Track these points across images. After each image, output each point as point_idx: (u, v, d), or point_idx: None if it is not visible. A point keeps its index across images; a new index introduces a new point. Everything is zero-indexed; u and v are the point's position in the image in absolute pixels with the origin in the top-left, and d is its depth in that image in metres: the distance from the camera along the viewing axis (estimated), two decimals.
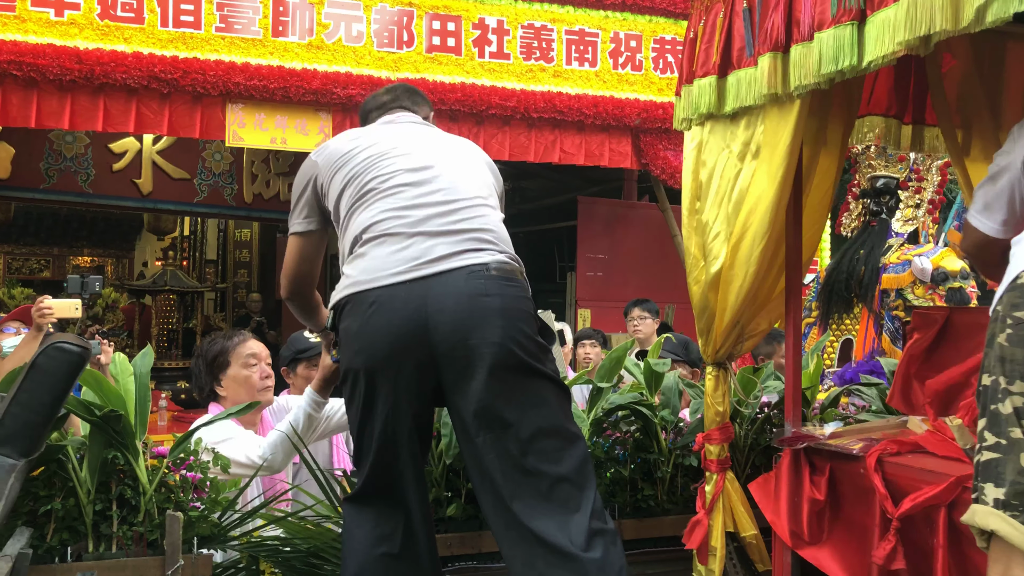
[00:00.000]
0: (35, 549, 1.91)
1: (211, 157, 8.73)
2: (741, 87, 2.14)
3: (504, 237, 2.03)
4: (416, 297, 1.86)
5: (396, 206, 1.98)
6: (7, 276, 12.42)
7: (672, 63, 5.91)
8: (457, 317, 1.84)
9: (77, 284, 3.52)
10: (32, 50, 4.66)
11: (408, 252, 1.91)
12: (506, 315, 1.86)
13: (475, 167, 2.15)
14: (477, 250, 1.92)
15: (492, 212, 2.07)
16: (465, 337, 1.84)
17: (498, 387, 1.85)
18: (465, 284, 1.86)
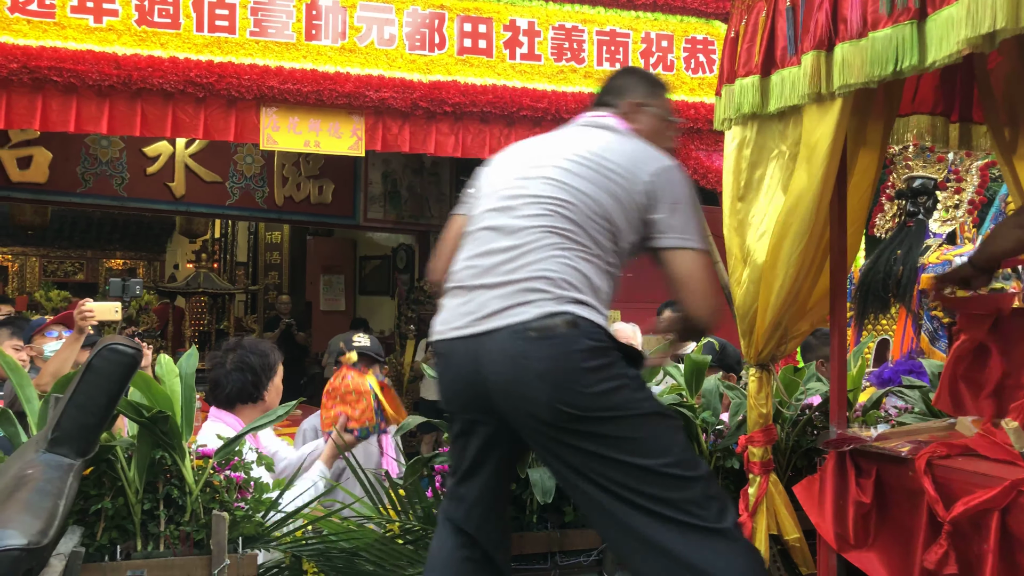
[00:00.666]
0: (86, 548, 1.93)
1: (243, 160, 8.82)
2: (785, 86, 2.12)
3: (564, 279, 1.85)
4: (472, 354, 1.87)
5: (471, 254, 1.98)
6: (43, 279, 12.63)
7: (704, 63, 5.87)
8: (507, 379, 1.82)
9: (118, 287, 3.57)
10: (72, 56, 4.73)
11: (467, 307, 1.90)
12: (547, 379, 1.78)
13: (587, 189, 1.93)
14: (524, 304, 1.83)
15: (564, 252, 1.88)
16: (517, 400, 1.82)
17: (558, 454, 1.84)
18: (510, 345, 1.81)
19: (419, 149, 5.46)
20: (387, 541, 2.35)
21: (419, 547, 2.36)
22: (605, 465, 1.79)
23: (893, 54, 1.79)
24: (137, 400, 2.01)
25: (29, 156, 7.68)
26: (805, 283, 2.31)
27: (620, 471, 1.78)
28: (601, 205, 1.91)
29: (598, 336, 1.82)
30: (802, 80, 2.08)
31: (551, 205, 1.91)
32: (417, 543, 2.38)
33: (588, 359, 1.79)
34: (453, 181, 10.36)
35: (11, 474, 1.46)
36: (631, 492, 1.78)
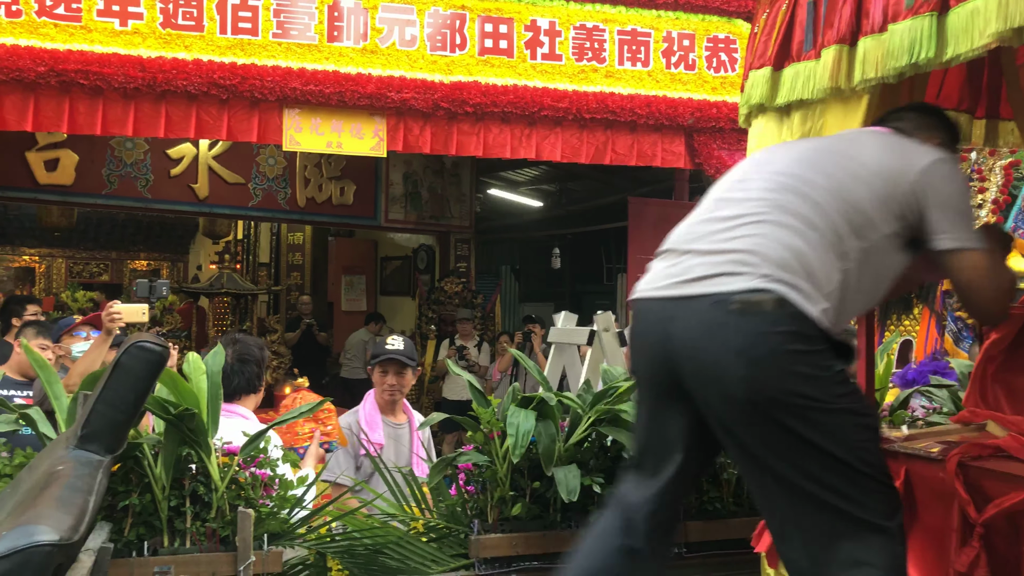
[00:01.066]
0: (114, 543, 1.95)
1: (265, 162, 8.88)
2: (798, 80, 2.10)
3: (782, 259, 1.72)
4: (666, 316, 1.78)
5: (693, 220, 1.91)
6: (69, 280, 12.77)
7: (725, 61, 5.84)
8: (698, 350, 1.72)
9: (145, 288, 3.61)
10: (98, 59, 4.79)
11: (673, 269, 1.82)
12: (743, 355, 1.67)
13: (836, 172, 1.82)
14: (732, 274, 1.71)
15: (786, 232, 1.75)
16: (705, 374, 1.72)
17: (738, 435, 1.74)
18: (709, 314, 1.71)
19: (440, 150, 5.47)
20: (411, 539, 2.35)
21: (443, 545, 2.36)
22: (786, 453, 1.70)
23: (909, 47, 1.77)
24: (164, 398, 2.03)
25: (56, 158, 7.78)
26: None
27: (800, 459, 1.69)
28: (849, 191, 1.78)
29: (805, 324, 1.69)
30: (820, 74, 2.06)
31: (788, 180, 1.81)
32: (441, 541, 2.38)
33: (791, 342, 1.68)
34: (473, 182, 10.39)
35: (41, 470, 1.48)
36: (806, 480, 1.70)
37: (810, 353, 1.69)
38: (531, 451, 2.31)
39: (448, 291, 9.68)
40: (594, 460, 2.43)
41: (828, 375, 1.70)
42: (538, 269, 14.13)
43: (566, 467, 2.29)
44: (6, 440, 2.04)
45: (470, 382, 2.49)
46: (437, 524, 2.41)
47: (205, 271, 12.45)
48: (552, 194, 12.49)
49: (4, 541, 1.11)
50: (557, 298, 13.36)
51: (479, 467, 2.36)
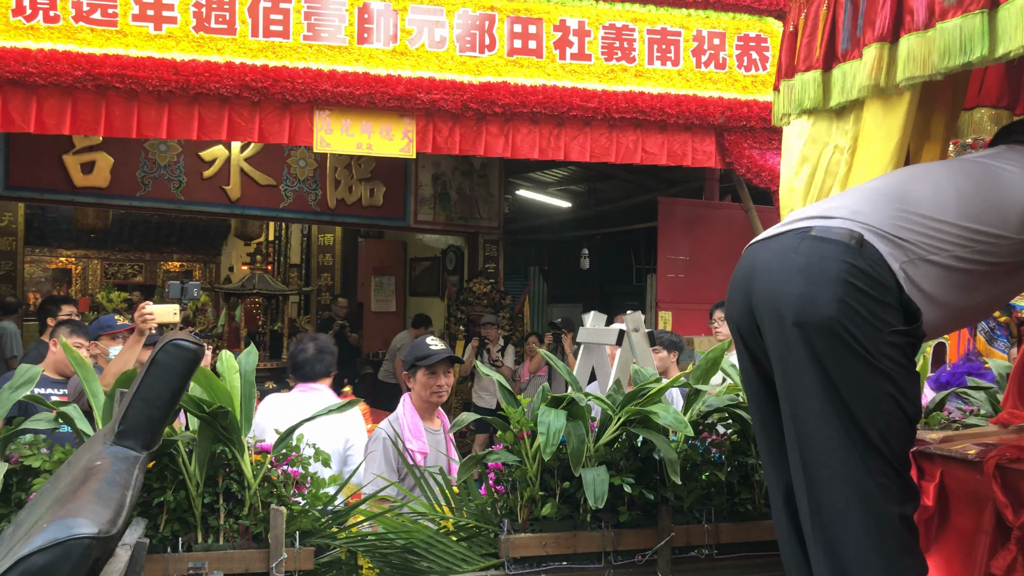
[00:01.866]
0: (149, 539, 1.98)
1: (296, 164, 8.96)
2: (847, 80, 2.08)
3: (876, 213, 1.70)
4: (752, 258, 1.79)
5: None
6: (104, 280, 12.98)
7: (756, 60, 5.80)
8: (768, 273, 1.72)
9: (177, 290, 3.66)
10: (133, 63, 4.87)
11: (774, 227, 1.83)
12: (805, 272, 1.63)
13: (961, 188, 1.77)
14: (824, 216, 1.72)
15: (883, 196, 1.76)
16: (770, 296, 1.70)
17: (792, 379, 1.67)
18: (787, 242, 1.71)
19: (469, 151, 5.49)
20: (441, 538, 2.36)
21: (472, 544, 2.37)
22: (811, 397, 1.64)
23: (961, 45, 1.75)
24: (198, 396, 2.05)
25: (92, 161, 7.90)
26: None
27: (821, 407, 1.63)
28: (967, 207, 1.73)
29: (880, 270, 1.63)
30: (862, 73, 2.04)
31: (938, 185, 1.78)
32: (471, 540, 2.38)
33: (855, 275, 1.61)
34: (502, 183, 10.40)
35: (80, 465, 1.50)
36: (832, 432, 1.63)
37: (871, 296, 1.62)
38: (561, 451, 2.30)
39: (477, 292, 9.70)
40: (624, 460, 2.42)
41: (883, 329, 1.62)
42: (567, 270, 14.11)
43: (595, 469, 2.28)
44: (46, 437, 2.08)
45: (499, 381, 2.49)
46: (467, 523, 2.41)
47: (237, 272, 12.60)
48: (581, 195, 12.48)
49: (45, 534, 1.13)
50: (586, 299, 13.34)
51: (509, 467, 2.36)
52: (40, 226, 12.08)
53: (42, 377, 3.73)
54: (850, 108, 2.18)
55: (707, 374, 2.56)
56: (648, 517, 2.42)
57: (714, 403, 2.53)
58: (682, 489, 2.44)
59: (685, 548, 2.42)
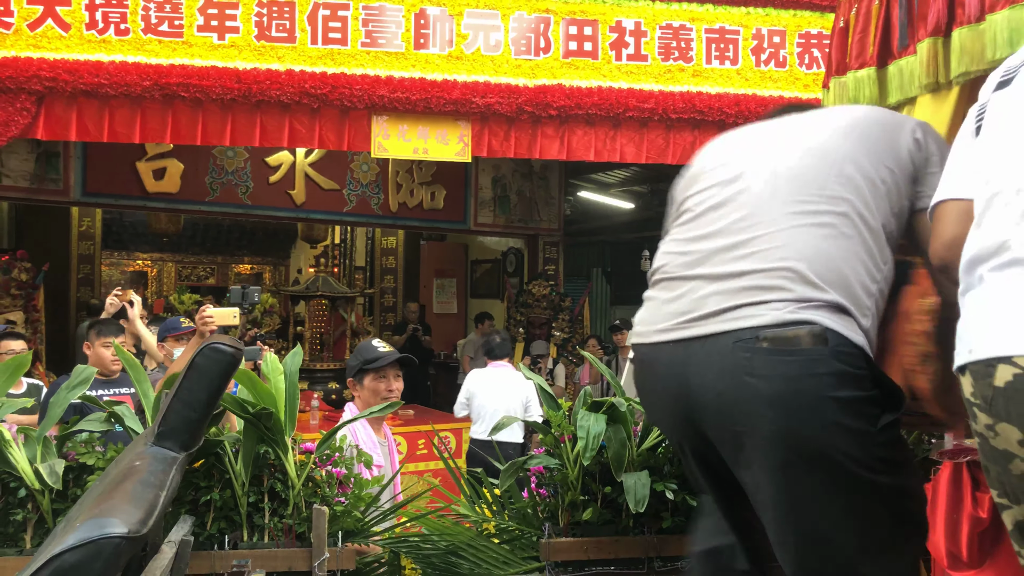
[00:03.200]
0: (196, 536, 2.04)
1: (359, 168, 9.11)
2: (904, 77, 2.03)
3: (816, 272, 1.44)
4: (678, 364, 1.53)
5: (686, 237, 1.63)
6: (178, 283, 13.40)
7: (818, 58, 5.66)
8: (721, 401, 1.47)
9: (238, 295, 3.76)
10: (198, 72, 5.02)
11: (679, 304, 1.55)
12: (778, 405, 1.40)
13: (824, 154, 1.56)
14: (756, 303, 1.44)
15: (805, 231, 1.48)
16: (729, 425, 1.48)
17: (775, 498, 1.47)
18: (730, 357, 1.44)
19: (524, 154, 5.49)
20: (483, 540, 2.37)
21: (514, 547, 2.37)
22: (808, 512, 1.44)
23: (1009, 38, 1.68)
24: (243, 397, 2.10)
25: (163, 168, 8.17)
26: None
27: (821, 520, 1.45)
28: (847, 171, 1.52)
29: (854, 360, 1.41)
30: (919, 70, 1.98)
31: (805, 165, 1.55)
32: (513, 543, 2.39)
33: (838, 387, 1.39)
34: (562, 184, 10.39)
35: (123, 465, 1.55)
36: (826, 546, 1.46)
37: (857, 400, 1.40)
38: (602, 455, 2.29)
39: (536, 294, 9.70)
40: (668, 466, 2.39)
41: (873, 431, 1.42)
42: (629, 272, 13.98)
43: (637, 474, 2.26)
44: (100, 436, 2.16)
45: (539, 386, 2.49)
46: (508, 526, 2.41)
47: (305, 274, 12.86)
48: (643, 195, 12.37)
49: (77, 532, 1.18)
50: None
51: (550, 470, 2.36)
52: (117, 230, 12.53)
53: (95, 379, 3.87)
54: (903, 104, 2.12)
55: None
56: (692, 523, 2.39)
57: None
58: None
59: None
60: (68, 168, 7.84)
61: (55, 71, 4.88)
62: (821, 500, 1.43)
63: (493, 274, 11.52)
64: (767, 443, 1.43)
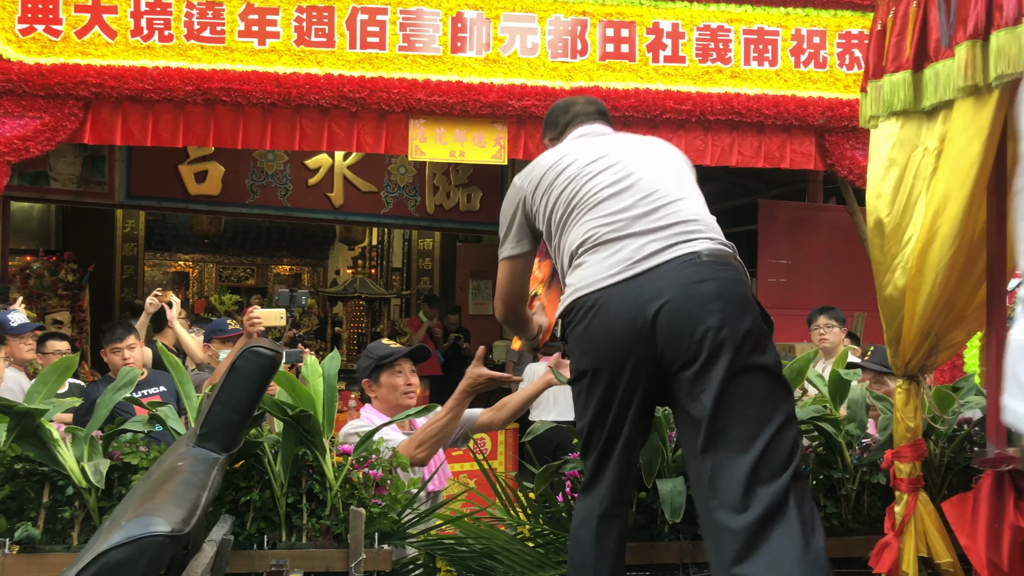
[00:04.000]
0: (236, 535, 2.08)
1: (396, 171, 9.18)
2: (940, 81, 2.00)
3: (711, 224, 2.05)
4: (632, 295, 1.91)
5: (605, 213, 2.06)
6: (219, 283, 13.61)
7: (859, 58, 5.58)
8: (674, 307, 1.87)
9: (286, 298, 3.82)
10: (239, 77, 5.10)
11: (621, 254, 1.97)
12: (723, 298, 1.87)
13: (668, 162, 2.21)
14: (687, 241, 1.95)
15: (694, 202, 2.10)
16: (687, 327, 1.87)
17: (724, 395, 1.86)
18: (678, 273, 1.89)
19: None
20: (518, 543, 2.38)
21: (549, 551, 2.38)
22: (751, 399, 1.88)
23: None
24: (283, 399, 2.14)
25: (205, 171, 8.32)
26: (961, 291, 2.15)
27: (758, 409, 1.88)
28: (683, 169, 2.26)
29: (743, 273, 2.03)
30: (956, 73, 1.95)
31: (665, 167, 2.17)
32: (547, 547, 2.39)
33: (751, 292, 1.97)
34: None
35: (165, 465, 1.59)
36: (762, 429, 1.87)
37: (755, 300, 1.99)
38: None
39: None
40: None
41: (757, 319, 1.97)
42: None
43: (673, 480, 2.25)
44: (144, 436, 2.21)
45: None
46: (543, 530, 2.42)
47: (343, 276, 13.00)
48: None
49: (123, 531, 1.21)
50: None
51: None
52: (160, 232, 12.78)
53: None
54: (940, 108, 2.08)
55: (792, 383, 2.49)
56: None
57: (799, 415, 2.46)
58: None
59: None
60: (113, 171, 8.01)
61: (102, 77, 4.99)
62: (760, 382, 1.89)
63: None
64: (716, 332, 1.85)
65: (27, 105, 5.01)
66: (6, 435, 2.04)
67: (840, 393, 2.50)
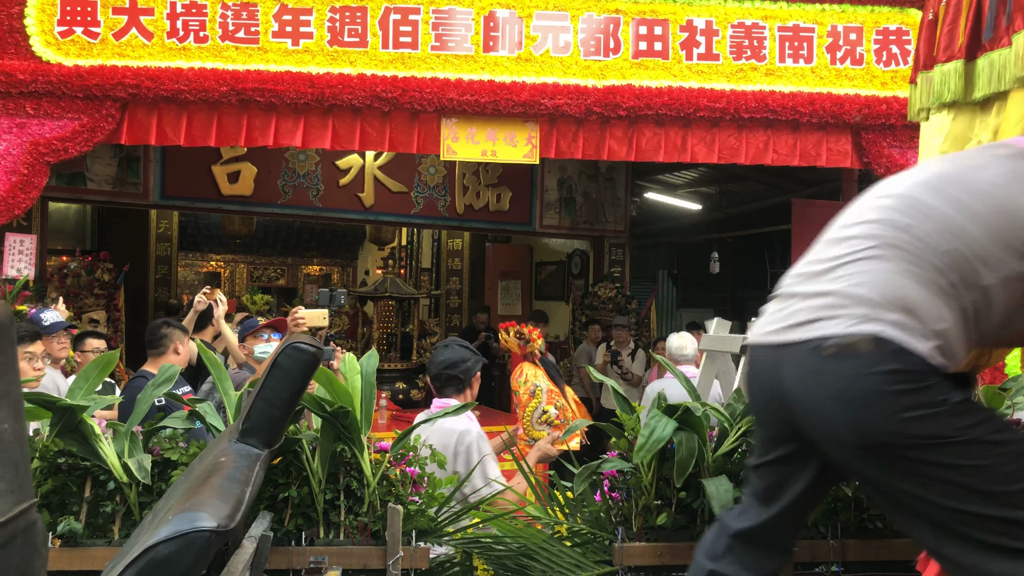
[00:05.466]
0: (274, 532, 2.08)
1: (426, 171, 9.20)
2: (994, 70, 1.95)
3: (881, 296, 1.61)
4: (770, 367, 1.76)
5: (804, 262, 1.84)
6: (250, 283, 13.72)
7: (897, 54, 5.50)
8: (802, 399, 1.68)
9: (327, 298, 3.86)
10: (272, 77, 5.13)
11: (780, 314, 1.77)
12: (841, 400, 1.60)
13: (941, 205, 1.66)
14: (829, 318, 1.64)
15: (890, 266, 1.64)
16: (814, 423, 1.67)
17: (871, 480, 1.67)
18: (803, 362, 1.67)
19: (592, 155, 5.47)
20: (555, 542, 2.36)
21: (586, 551, 2.35)
22: (923, 490, 1.59)
23: None
24: (321, 396, 2.13)
25: (237, 171, 8.39)
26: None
27: (942, 496, 1.58)
28: (960, 228, 1.63)
29: (910, 360, 1.58)
30: (1013, 62, 1.91)
31: (891, 214, 1.70)
32: (585, 547, 2.37)
33: (892, 383, 1.57)
34: (629, 186, 10.32)
35: (208, 460, 1.59)
36: (953, 519, 1.58)
37: (917, 391, 1.56)
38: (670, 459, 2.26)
39: (602, 296, 9.65)
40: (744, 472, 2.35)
41: (944, 409, 1.56)
42: (697, 274, 13.83)
43: (716, 479, 2.22)
44: (183, 432, 2.22)
45: (613, 387, 2.47)
46: (581, 529, 2.40)
47: (372, 276, 13.05)
48: (712, 197, 12.21)
49: (170, 525, 1.21)
50: (717, 304, 13.02)
51: (623, 474, 2.34)
52: (192, 232, 12.91)
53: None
54: (993, 100, 2.04)
55: None
56: None
57: None
58: None
59: (808, 564, 2.33)
60: (147, 172, 8.11)
61: (138, 78, 5.05)
62: (921, 474, 1.57)
63: (558, 276, 11.51)
64: (845, 437, 1.60)
65: (66, 106, 5.08)
66: (49, 430, 2.06)
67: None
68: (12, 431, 1.06)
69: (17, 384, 1.09)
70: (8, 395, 1.05)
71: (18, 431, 1.07)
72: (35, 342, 4.06)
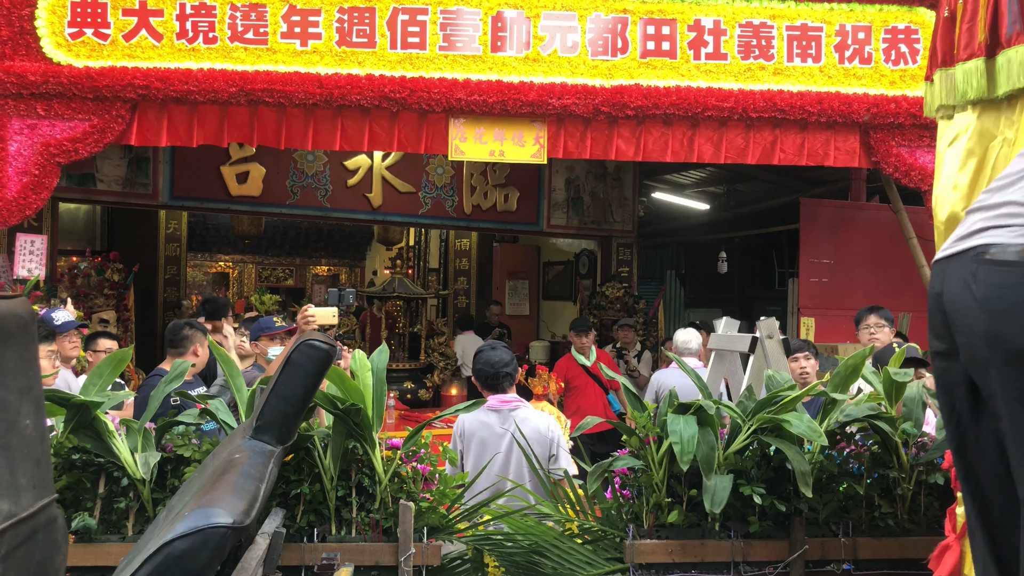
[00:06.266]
0: (287, 528, 2.09)
1: (434, 171, 9.21)
2: (1013, 68, 1.94)
3: None
4: (938, 277, 1.73)
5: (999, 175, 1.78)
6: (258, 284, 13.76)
7: (905, 53, 5.49)
8: (953, 306, 1.66)
9: (335, 296, 3.86)
10: (281, 78, 5.14)
11: (961, 228, 1.73)
12: (985, 306, 1.57)
13: None
14: (999, 227, 1.62)
15: None
16: (961, 330, 1.64)
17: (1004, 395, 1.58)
18: (963, 268, 1.64)
19: (600, 155, 5.46)
20: (566, 539, 2.36)
21: (597, 548, 2.36)
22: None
23: None
24: (333, 393, 2.14)
25: (246, 172, 8.41)
26: None
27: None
28: None
29: None
30: None
31: None
32: (595, 544, 2.38)
33: None
34: (636, 186, 10.31)
35: (222, 457, 1.60)
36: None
37: None
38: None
39: (609, 296, 9.65)
40: (756, 470, 2.35)
41: None
42: (705, 274, 13.79)
43: (720, 477, 2.22)
44: (196, 428, 2.23)
45: (624, 385, 2.47)
46: (592, 527, 2.40)
47: (380, 276, 13.07)
48: (720, 196, 12.18)
49: (186, 521, 1.22)
50: (725, 304, 12.99)
51: (635, 471, 2.34)
52: (201, 233, 12.95)
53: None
54: (1017, 96, 2.02)
55: (846, 382, 2.45)
56: (780, 528, 2.34)
57: (853, 413, 2.42)
58: (817, 500, 2.34)
59: (820, 562, 2.33)
60: (157, 173, 8.13)
61: (148, 79, 5.07)
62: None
63: (565, 276, 11.51)
64: (983, 346, 1.57)
65: (76, 107, 5.10)
66: (63, 427, 2.08)
67: (896, 391, 2.45)
68: (34, 427, 1.07)
69: (39, 381, 1.11)
70: (30, 391, 1.06)
71: (39, 427, 1.08)
72: (50, 341, 4.10)
